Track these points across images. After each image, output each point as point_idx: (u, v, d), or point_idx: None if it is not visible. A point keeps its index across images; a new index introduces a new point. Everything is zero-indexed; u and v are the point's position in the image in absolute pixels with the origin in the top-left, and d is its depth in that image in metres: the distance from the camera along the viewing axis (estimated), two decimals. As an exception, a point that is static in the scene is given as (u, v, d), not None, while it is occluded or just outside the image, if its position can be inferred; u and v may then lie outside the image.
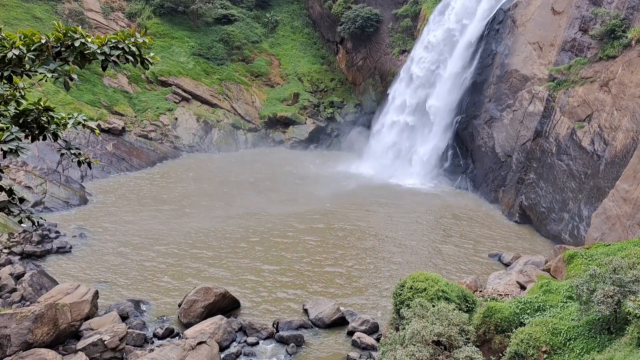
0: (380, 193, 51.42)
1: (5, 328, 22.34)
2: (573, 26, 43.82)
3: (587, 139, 40.04)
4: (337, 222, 43.12)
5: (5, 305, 26.82)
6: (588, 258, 23.74)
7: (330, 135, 68.42)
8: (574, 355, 17.06)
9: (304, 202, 47.18)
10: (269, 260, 35.38)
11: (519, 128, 47.54)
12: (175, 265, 33.91)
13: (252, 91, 70.78)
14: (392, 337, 19.47)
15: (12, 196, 10.36)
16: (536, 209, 43.43)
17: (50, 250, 34.59)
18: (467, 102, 54.38)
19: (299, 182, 53.24)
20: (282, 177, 54.90)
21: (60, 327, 24.05)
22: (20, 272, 30.34)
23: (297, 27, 78.06)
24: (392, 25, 67.34)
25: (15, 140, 9.02)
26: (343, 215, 44.74)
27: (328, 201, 47.53)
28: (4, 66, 9.27)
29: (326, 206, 46.29)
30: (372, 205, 47.99)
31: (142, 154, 56.37)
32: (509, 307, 20.16)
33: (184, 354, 22.34)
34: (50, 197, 42.44)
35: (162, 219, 41.55)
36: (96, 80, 60.66)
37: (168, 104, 63.66)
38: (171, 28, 70.38)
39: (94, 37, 9.96)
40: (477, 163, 53.58)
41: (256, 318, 28.42)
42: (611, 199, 34.95)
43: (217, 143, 63.44)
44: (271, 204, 46.09)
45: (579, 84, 41.99)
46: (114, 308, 27.71)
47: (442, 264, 36.14)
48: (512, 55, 49.98)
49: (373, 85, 70.23)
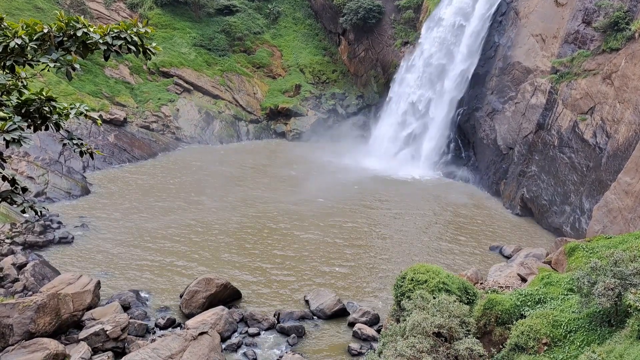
0: (381, 185, 51.43)
1: (7, 318, 22.47)
2: (576, 18, 43.55)
3: (590, 131, 39.94)
4: (338, 214, 43.15)
5: (8, 295, 26.94)
6: (589, 251, 23.77)
7: (332, 127, 68.28)
8: (574, 348, 17.13)
9: (306, 194, 47.19)
10: (270, 252, 35.46)
11: (521, 120, 47.42)
12: (176, 256, 34.01)
13: (254, 82, 70.60)
14: (392, 328, 19.55)
15: (15, 186, 10.36)
16: (537, 201, 43.42)
17: (53, 241, 34.70)
18: (469, 94, 54.22)
19: (301, 174, 53.22)
20: (283, 169, 54.89)
21: (62, 317, 24.18)
22: (22, 262, 30.46)
23: (299, 18, 77.69)
24: (395, 17, 66.97)
25: (18, 130, 9.00)
26: (344, 207, 44.78)
27: (330, 194, 47.53)
28: (6, 56, 9.23)
29: (328, 199, 46.31)
30: (373, 196, 48.01)
31: (144, 145, 56.36)
32: (509, 299, 20.21)
33: (185, 344, 22.46)
34: (52, 187, 42.49)
35: (164, 210, 41.62)
36: (98, 71, 60.52)
37: (169, 95, 63.53)
38: (173, 19, 70.08)
39: (96, 27, 9.92)
40: (478, 155, 53.51)
41: (257, 309, 28.54)
42: (613, 191, 34.91)
43: (218, 134, 63.38)
44: (272, 197, 46.11)
45: (581, 77, 41.81)
46: (116, 298, 27.83)
47: (443, 256, 36.21)
48: (514, 48, 49.74)
49: (375, 77, 69.97)
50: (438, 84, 56.22)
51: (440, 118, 55.91)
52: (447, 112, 55.49)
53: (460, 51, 54.07)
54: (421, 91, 58.04)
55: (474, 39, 53.35)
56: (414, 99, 58.79)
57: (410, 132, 58.81)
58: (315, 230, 39.34)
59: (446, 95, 55.11)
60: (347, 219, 42.24)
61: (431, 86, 57.15)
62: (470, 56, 53.75)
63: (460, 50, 54.08)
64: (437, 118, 56.15)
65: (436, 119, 56.22)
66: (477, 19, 53.13)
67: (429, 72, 57.49)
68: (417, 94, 58.44)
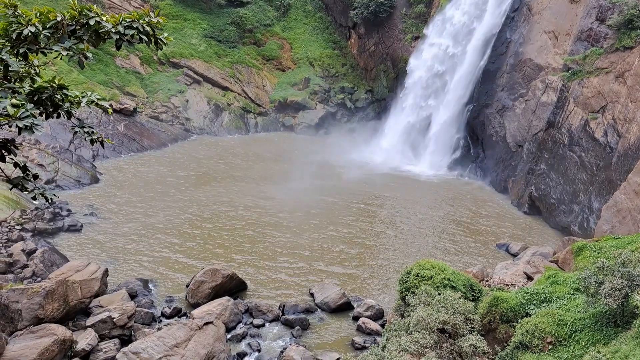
0: (389, 180, 51.35)
1: (16, 303, 22.75)
2: (590, 15, 43.06)
3: (600, 130, 39.58)
4: (344, 210, 43.18)
5: (17, 280, 27.28)
6: (597, 250, 23.63)
7: (340, 121, 68.15)
8: (579, 347, 17.08)
9: (313, 189, 47.21)
10: (276, 244, 35.59)
11: (531, 118, 47.07)
12: (183, 246, 34.23)
13: (263, 75, 70.56)
14: (397, 323, 19.59)
15: (27, 172, 10.48)
16: (546, 200, 43.17)
17: (62, 228, 35.03)
18: (479, 90, 53.85)
19: (308, 169, 53.20)
20: (290, 163, 54.90)
21: (70, 303, 24.44)
22: (31, 248, 30.78)
23: (310, 11, 77.42)
24: (406, 11, 66.58)
25: (30, 117, 9.09)
26: (350, 203, 44.78)
27: (337, 189, 47.57)
28: (19, 43, 9.31)
29: (335, 194, 46.34)
30: (381, 192, 47.96)
31: (153, 135, 56.60)
32: (515, 297, 20.18)
33: (191, 334, 22.65)
34: (62, 175, 42.84)
35: (172, 200, 41.85)
36: (109, 60, 60.74)
37: (179, 86, 63.68)
38: (184, 10, 70.12)
39: (108, 16, 9.96)
40: (487, 152, 53.22)
41: (263, 300, 28.69)
42: (623, 191, 34.63)
43: (227, 126, 63.50)
44: (279, 191, 46.17)
45: (593, 75, 41.39)
46: (123, 286, 28.08)
47: (449, 253, 36.17)
48: (526, 44, 49.29)
49: (385, 72, 69.68)
50: (451, 80, 55.86)
51: (450, 114, 55.60)
52: (456, 109, 55.16)
53: (472, 50, 53.63)
54: (432, 88, 57.72)
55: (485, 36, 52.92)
56: (424, 95, 58.49)
57: (419, 127, 58.54)
58: (322, 226, 39.40)
59: (455, 91, 54.77)
60: (353, 215, 42.26)
61: (444, 83, 56.80)
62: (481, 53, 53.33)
63: (472, 50, 53.64)
64: (446, 114, 55.84)
65: (446, 115, 55.90)
66: (489, 15, 52.69)
67: (442, 68, 57.11)
68: (428, 91, 58.14)
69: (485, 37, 52.69)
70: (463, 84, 54.12)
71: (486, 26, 52.67)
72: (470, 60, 53.63)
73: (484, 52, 53.00)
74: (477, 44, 53.05)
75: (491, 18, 52.47)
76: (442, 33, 57.63)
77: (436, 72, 57.49)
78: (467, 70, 53.85)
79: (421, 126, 58.33)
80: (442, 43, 57.22)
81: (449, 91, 55.44)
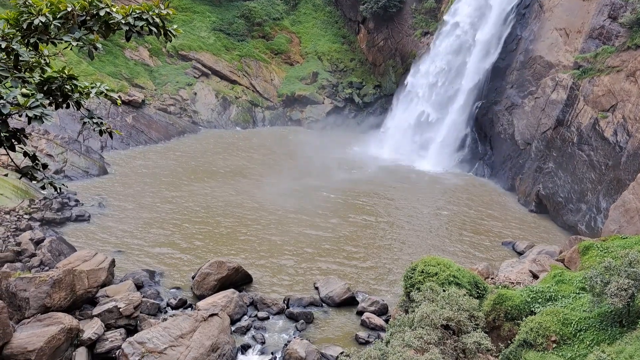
0: (396, 176, 51.26)
1: (24, 291, 23.00)
2: (602, 13, 42.61)
3: (610, 129, 39.25)
4: (350, 206, 43.19)
5: (25, 269, 27.55)
6: (604, 250, 23.51)
7: (348, 116, 68.03)
8: (584, 346, 17.04)
9: (319, 184, 47.24)
10: (281, 238, 35.69)
11: (540, 116, 46.76)
12: (190, 238, 34.41)
13: (271, 69, 70.50)
14: (401, 319, 19.62)
15: (36, 162, 10.56)
16: (553, 198, 42.94)
17: (70, 218, 35.31)
18: (488, 87, 53.54)
19: (314, 164, 53.22)
20: (297, 157, 54.94)
21: (77, 292, 24.67)
22: (40, 237, 31.06)
23: (319, 5, 77.17)
24: (416, 6, 66.20)
25: (40, 106, 9.15)
26: (356, 199, 44.78)
27: (342, 184, 47.57)
28: (30, 33, 9.36)
29: (340, 190, 46.34)
30: (388, 188, 47.91)
31: (161, 128, 56.80)
32: (520, 296, 20.14)
33: (196, 325, 22.81)
34: (70, 166, 43.14)
35: (179, 192, 42.05)
36: (118, 52, 60.93)
37: (187, 79, 63.80)
38: (193, 2, 70.10)
39: (118, 7, 9.99)
40: (495, 150, 52.96)
41: (267, 293, 28.82)
42: (631, 191, 34.36)
43: (234, 119, 63.60)
44: (286, 186, 46.23)
45: (604, 73, 41.00)
46: (130, 277, 28.29)
47: (455, 249, 36.11)
48: (537, 41, 48.90)
49: (393, 67, 69.41)
50: (460, 77, 55.55)
51: (457, 111, 55.34)
52: (464, 105, 54.89)
53: (479, 49, 53.27)
54: (439, 84, 57.43)
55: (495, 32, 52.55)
56: (432, 92, 58.22)
57: (427, 123, 58.34)
58: (327, 222, 39.44)
59: (464, 88, 54.48)
60: (359, 211, 42.27)
61: (452, 79, 56.50)
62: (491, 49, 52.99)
63: (479, 48, 53.27)
64: (454, 111, 55.58)
65: (454, 111, 55.65)
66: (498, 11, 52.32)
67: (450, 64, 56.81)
68: (435, 88, 57.86)
69: (493, 35, 52.39)
70: (472, 80, 53.82)
71: (491, 25, 52.39)
72: (479, 56, 53.30)
73: (494, 49, 52.65)
74: (485, 38, 52.74)
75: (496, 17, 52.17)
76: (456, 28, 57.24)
77: (443, 68, 57.19)
78: (476, 67, 53.53)
79: (429, 122, 58.11)
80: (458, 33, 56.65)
81: (458, 89, 55.15)
